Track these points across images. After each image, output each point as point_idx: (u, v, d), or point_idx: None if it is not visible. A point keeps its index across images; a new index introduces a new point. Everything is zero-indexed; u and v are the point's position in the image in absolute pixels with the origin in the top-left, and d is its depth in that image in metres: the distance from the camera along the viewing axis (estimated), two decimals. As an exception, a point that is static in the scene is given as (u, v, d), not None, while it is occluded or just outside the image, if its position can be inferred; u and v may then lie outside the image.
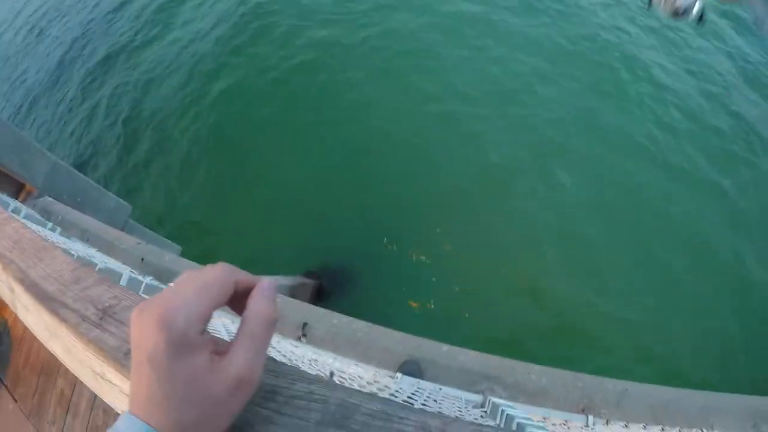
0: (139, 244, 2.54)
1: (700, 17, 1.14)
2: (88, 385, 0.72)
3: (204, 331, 0.48)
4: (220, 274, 0.50)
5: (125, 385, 0.62)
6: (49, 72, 8.58)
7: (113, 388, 0.64)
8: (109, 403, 0.73)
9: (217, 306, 0.49)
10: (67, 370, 1.41)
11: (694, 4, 1.14)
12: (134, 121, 6.81)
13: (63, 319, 0.66)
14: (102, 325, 0.66)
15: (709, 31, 6.19)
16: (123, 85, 7.42)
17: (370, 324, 2.04)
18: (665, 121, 5.64)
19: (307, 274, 4.87)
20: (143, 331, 0.45)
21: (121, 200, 3.48)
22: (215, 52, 7.24)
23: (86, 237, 2.71)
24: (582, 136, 5.48)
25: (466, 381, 2.22)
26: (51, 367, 1.77)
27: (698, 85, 6.05)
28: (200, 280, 0.48)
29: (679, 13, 1.13)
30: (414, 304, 4.57)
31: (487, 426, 0.57)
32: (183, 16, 8.22)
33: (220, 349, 0.50)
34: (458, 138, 5.52)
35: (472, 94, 5.88)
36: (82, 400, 1.69)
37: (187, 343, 0.45)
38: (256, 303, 0.51)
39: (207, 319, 0.48)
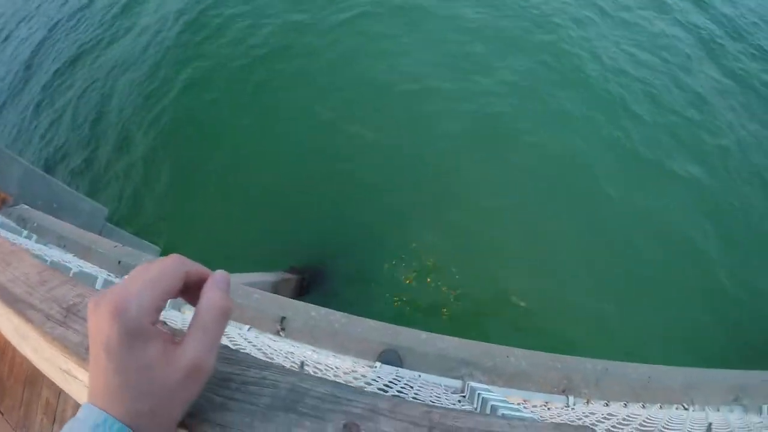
0: (116, 247, 2.53)
1: None
2: (57, 383, 0.74)
3: (157, 321, 0.51)
4: (170, 265, 0.52)
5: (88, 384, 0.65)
6: (16, 75, 8.42)
7: (79, 384, 0.67)
8: (78, 400, 0.76)
9: (168, 295, 0.51)
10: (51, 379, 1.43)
11: None
12: (103, 122, 6.75)
13: (29, 320, 0.69)
14: (66, 323, 0.68)
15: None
16: (90, 84, 7.33)
17: (347, 315, 2.07)
18: (630, 108, 5.74)
19: (290, 270, 4.90)
20: (98, 322, 0.48)
21: (96, 204, 3.46)
22: (180, 45, 7.21)
23: (63, 243, 2.69)
24: (546, 128, 5.58)
25: (446, 367, 2.25)
26: (35, 377, 1.77)
27: (657, 65, 6.18)
28: (151, 272, 0.51)
29: None
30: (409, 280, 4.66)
31: (440, 407, 0.60)
32: (146, 15, 8.14)
33: (177, 339, 0.52)
34: (434, 136, 5.56)
35: (450, 90, 5.91)
36: (67, 407, 1.70)
37: (141, 332, 0.48)
38: (209, 294, 0.53)
39: (159, 309, 0.50)
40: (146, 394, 0.49)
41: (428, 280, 4.70)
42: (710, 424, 1.66)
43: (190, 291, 0.56)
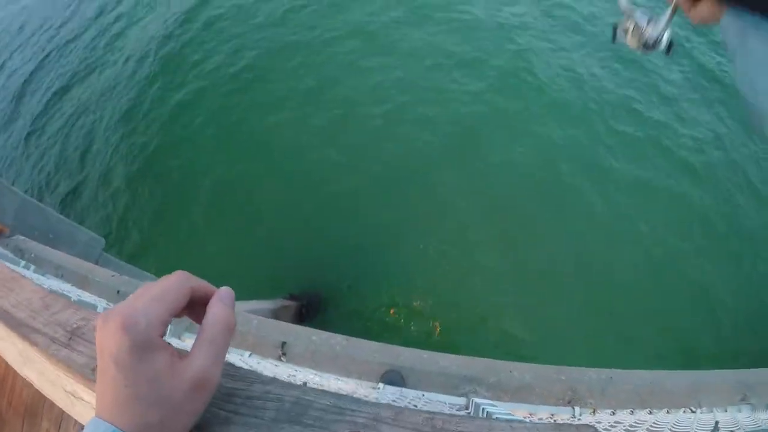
0: (113, 276, 2.53)
1: (669, 47, 1.06)
2: (61, 406, 0.74)
3: (164, 334, 0.52)
4: (176, 282, 0.54)
5: (95, 400, 0.65)
6: (9, 105, 8.54)
7: (85, 405, 0.67)
8: (82, 423, 0.76)
9: (175, 310, 0.53)
10: (51, 407, 1.42)
11: (664, 33, 1.05)
12: (93, 150, 6.78)
13: (34, 343, 0.70)
14: (70, 345, 0.69)
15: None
16: (80, 113, 7.42)
17: (347, 337, 2.07)
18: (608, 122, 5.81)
19: (289, 297, 4.88)
20: (108, 336, 0.49)
21: (93, 234, 3.46)
22: (166, 72, 7.32)
23: (60, 273, 2.69)
24: (525, 144, 5.67)
25: (449, 385, 2.23)
26: (35, 408, 1.75)
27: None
28: (158, 288, 0.52)
29: (648, 46, 1.05)
30: (392, 312, 4.62)
31: (440, 414, 0.61)
32: (132, 44, 8.30)
33: (182, 355, 0.53)
34: (418, 156, 5.62)
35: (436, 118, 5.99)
36: (68, 438, 1.67)
37: (149, 344, 0.49)
38: (215, 309, 0.55)
39: (166, 322, 0.52)
40: (154, 405, 0.49)
41: (418, 303, 4.69)
42: (717, 422, 1.65)
43: (195, 308, 0.57)
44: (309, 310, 4.85)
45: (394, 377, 2.23)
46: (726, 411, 2.02)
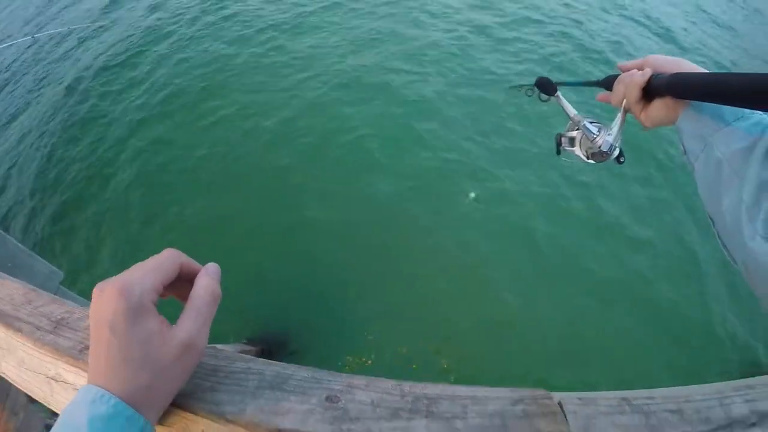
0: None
1: (619, 155, 1.02)
2: (38, 398, 0.76)
3: (156, 301, 0.57)
4: (168, 255, 0.60)
5: (81, 380, 0.68)
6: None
7: (67, 388, 0.70)
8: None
9: (166, 280, 0.58)
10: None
11: (617, 141, 0.99)
12: (55, 181, 6.58)
13: (17, 330, 0.72)
14: (56, 332, 0.72)
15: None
16: (42, 143, 7.25)
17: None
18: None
19: (249, 342, 4.76)
20: (103, 303, 0.53)
21: (52, 266, 3.35)
22: (136, 109, 7.34)
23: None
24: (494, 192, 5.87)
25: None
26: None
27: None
28: (151, 261, 0.58)
29: (603, 155, 0.99)
30: (350, 359, 4.54)
31: (408, 381, 0.67)
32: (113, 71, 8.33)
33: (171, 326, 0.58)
34: (381, 205, 5.67)
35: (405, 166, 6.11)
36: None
37: (143, 309, 0.54)
38: (202, 281, 0.61)
39: (158, 290, 0.57)
40: (144, 367, 0.53)
41: (393, 343, 4.63)
42: None
43: (181, 285, 0.62)
44: (272, 354, 4.71)
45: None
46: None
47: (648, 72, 0.89)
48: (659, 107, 0.89)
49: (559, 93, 1.20)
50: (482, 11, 9.21)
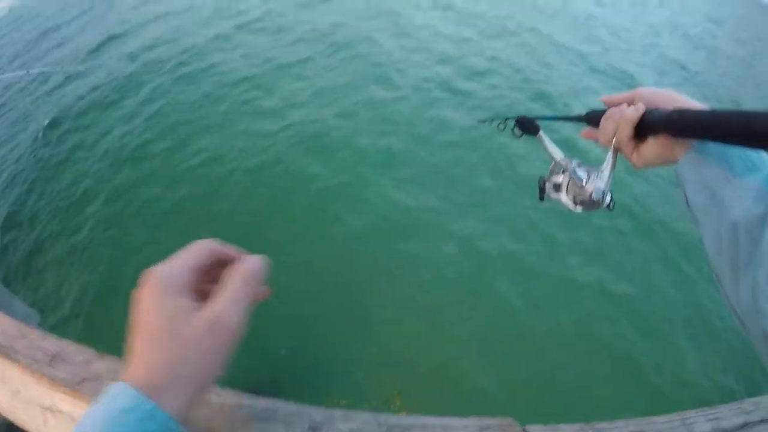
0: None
1: (609, 202, 0.92)
2: (30, 429, 0.78)
3: (189, 282, 0.56)
4: (198, 243, 0.61)
5: (77, 410, 0.71)
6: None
7: (62, 419, 0.73)
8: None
9: (197, 261, 0.58)
10: None
11: (608, 188, 0.89)
12: (28, 223, 6.45)
13: (15, 360, 0.76)
14: (53, 364, 0.76)
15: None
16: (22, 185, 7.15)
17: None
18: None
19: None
20: (140, 292, 0.55)
21: (29, 308, 3.26)
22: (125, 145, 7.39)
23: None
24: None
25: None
26: None
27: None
28: (180, 251, 0.59)
29: (594, 203, 0.89)
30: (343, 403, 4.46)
31: (387, 414, 0.72)
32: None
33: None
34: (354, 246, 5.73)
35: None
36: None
37: (170, 287, 0.54)
38: (246, 263, 0.60)
39: (189, 270, 0.57)
40: (168, 344, 0.51)
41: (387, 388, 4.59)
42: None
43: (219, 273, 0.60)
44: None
45: None
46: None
47: (641, 107, 0.79)
48: (653, 146, 0.80)
49: (541, 132, 1.07)
50: (447, 65, 9.68)
